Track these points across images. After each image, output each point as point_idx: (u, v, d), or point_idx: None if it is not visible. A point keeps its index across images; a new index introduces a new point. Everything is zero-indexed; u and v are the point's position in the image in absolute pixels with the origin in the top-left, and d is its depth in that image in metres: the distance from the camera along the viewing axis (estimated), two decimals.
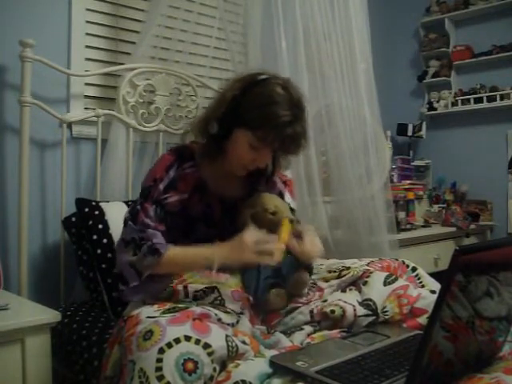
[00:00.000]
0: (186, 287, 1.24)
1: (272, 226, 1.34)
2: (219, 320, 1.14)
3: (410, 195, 2.96)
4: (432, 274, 1.51)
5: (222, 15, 2.19)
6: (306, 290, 1.36)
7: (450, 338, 0.84)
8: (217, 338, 1.03)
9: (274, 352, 1.11)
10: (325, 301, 1.34)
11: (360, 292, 1.37)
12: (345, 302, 1.30)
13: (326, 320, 1.28)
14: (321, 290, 1.40)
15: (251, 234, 1.26)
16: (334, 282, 1.42)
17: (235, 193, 1.46)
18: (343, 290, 1.40)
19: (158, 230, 1.32)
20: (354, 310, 1.28)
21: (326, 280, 1.45)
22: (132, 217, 1.33)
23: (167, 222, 1.35)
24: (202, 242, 1.35)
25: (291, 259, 1.37)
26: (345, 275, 1.45)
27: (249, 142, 1.32)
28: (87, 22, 1.93)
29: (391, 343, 1.11)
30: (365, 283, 1.38)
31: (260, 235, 1.27)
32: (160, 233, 1.32)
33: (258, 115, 1.30)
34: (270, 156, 1.39)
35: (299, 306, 1.33)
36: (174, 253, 1.29)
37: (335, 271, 1.48)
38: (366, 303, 1.30)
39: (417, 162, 3.34)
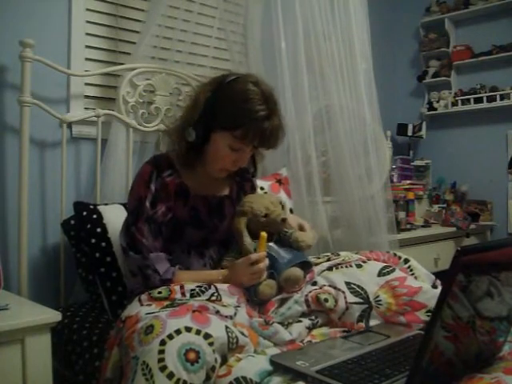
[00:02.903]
0: (182, 287, 1.25)
1: (266, 228, 1.40)
2: (217, 312, 1.15)
3: (410, 195, 2.96)
4: (432, 274, 1.51)
5: (222, 15, 2.19)
6: (299, 287, 1.37)
7: (450, 338, 0.84)
8: (217, 328, 1.04)
9: (274, 349, 1.12)
10: (315, 283, 1.35)
11: (350, 274, 1.36)
12: (335, 287, 1.31)
13: (320, 308, 1.29)
14: (311, 271, 1.42)
15: (243, 263, 1.32)
16: (324, 264, 1.44)
17: (219, 192, 1.50)
18: (330, 269, 1.40)
19: (156, 247, 1.35)
20: (345, 297, 1.29)
21: (316, 264, 1.47)
22: (131, 242, 1.33)
23: (162, 233, 1.37)
24: (192, 244, 1.41)
25: (285, 251, 1.40)
26: (334, 259, 1.47)
27: (228, 143, 1.35)
28: (87, 22, 1.93)
29: (391, 343, 1.11)
30: (359, 266, 1.38)
31: (247, 258, 1.32)
32: (163, 254, 1.35)
33: (234, 114, 1.32)
34: (250, 154, 1.43)
35: (293, 296, 1.34)
36: (181, 278, 1.33)
37: (324, 257, 1.51)
38: (356, 290, 1.30)
39: (417, 162, 3.34)
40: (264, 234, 1.34)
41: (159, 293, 1.23)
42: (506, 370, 0.95)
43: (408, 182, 3.02)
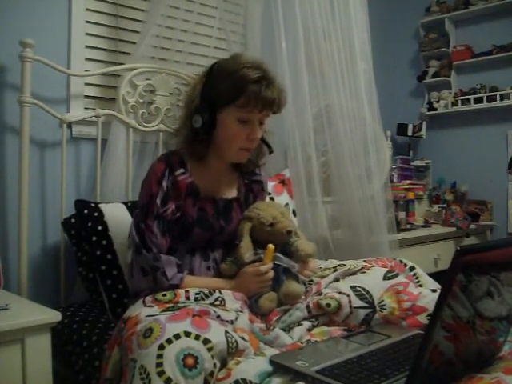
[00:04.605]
0: (187, 290, 1.25)
1: (270, 237, 1.40)
2: (218, 317, 1.15)
3: (410, 195, 2.96)
4: (432, 274, 1.51)
5: (222, 15, 2.19)
6: (301, 301, 1.36)
7: (450, 338, 0.84)
8: (216, 333, 1.04)
9: (273, 350, 1.12)
10: (320, 294, 1.34)
11: (355, 278, 1.37)
12: (339, 292, 1.31)
13: (322, 313, 1.29)
14: (318, 284, 1.41)
15: (251, 273, 1.34)
16: (331, 276, 1.43)
17: (227, 194, 1.49)
18: (337, 280, 1.40)
19: (163, 244, 1.35)
20: (350, 301, 1.28)
21: (323, 277, 1.46)
22: (141, 239, 1.33)
23: (170, 231, 1.37)
24: (197, 245, 1.41)
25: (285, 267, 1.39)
26: (341, 269, 1.47)
27: (236, 117, 1.36)
28: (87, 22, 1.93)
29: (391, 343, 1.11)
30: (364, 272, 1.39)
31: (256, 269, 1.34)
32: (173, 258, 1.35)
33: (231, 85, 1.33)
34: (260, 126, 1.40)
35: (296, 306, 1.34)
36: (189, 285, 1.32)
37: (330, 268, 1.50)
38: (361, 294, 1.30)
39: (417, 162, 3.34)
40: (271, 247, 1.34)
41: (164, 295, 1.24)
42: (506, 369, 0.95)
43: (408, 181, 3.02)
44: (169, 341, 0.98)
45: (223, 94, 1.35)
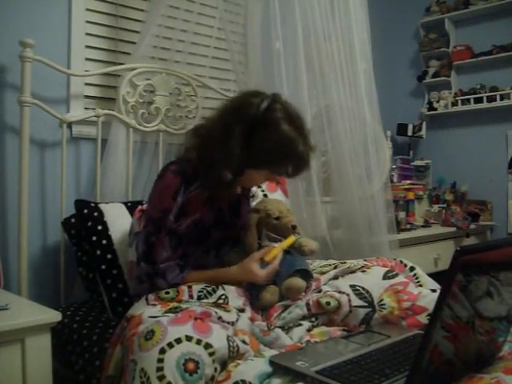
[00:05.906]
0: (190, 287, 1.25)
1: (276, 230, 1.45)
2: (219, 318, 1.14)
3: (410, 195, 2.96)
4: (432, 274, 1.51)
5: (222, 15, 2.19)
6: (300, 297, 1.36)
7: (450, 338, 0.84)
8: (218, 338, 1.04)
9: (273, 351, 1.12)
10: (320, 291, 1.35)
11: (355, 277, 1.38)
12: (339, 291, 1.31)
13: (321, 312, 1.29)
14: (317, 280, 1.42)
15: (256, 262, 1.33)
16: (331, 272, 1.44)
17: (236, 191, 1.51)
18: (336, 278, 1.41)
19: (173, 258, 1.34)
20: (349, 300, 1.28)
21: (323, 273, 1.47)
22: (148, 251, 1.32)
23: (182, 244, 1.37)
24: (211, 245, 1.42)
25: (290, 259, 1.40)
26: (341, 267, 1.47)
27: (264, 175, 1.41)
28: (87, 22, 1.94)
29: (391, 343, 1.11)
30: (363, 271, 1.39)
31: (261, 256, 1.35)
32: (173, 262, 1.34)
33: (277, 157, 1.33)
34: None
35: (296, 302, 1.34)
36: (191, 278, 1.33)
37: (330, 265, 1.52)
38: (361, 293, 1.30)
39: (417, 162, 3.34)
40: (293, 238, 1.40)
41: (167, 293, 1.24)
42: (506, 369, 0.95)
43: (408, 182, 3.02)
44: (170, 345, 0.98)
45: (263, 162, 1.34)
